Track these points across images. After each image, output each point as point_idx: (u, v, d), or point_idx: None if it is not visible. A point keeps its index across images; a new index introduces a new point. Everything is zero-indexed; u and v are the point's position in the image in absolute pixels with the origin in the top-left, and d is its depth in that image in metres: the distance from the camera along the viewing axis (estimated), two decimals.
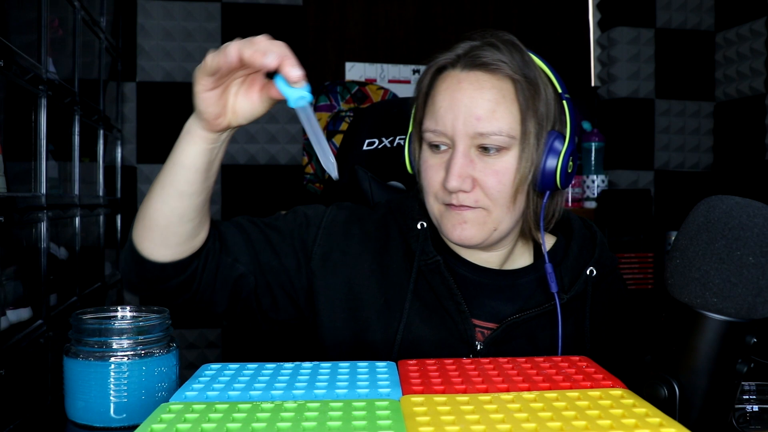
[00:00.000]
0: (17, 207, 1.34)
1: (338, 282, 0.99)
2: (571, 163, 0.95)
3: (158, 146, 2.65)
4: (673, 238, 1.50)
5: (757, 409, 0.76)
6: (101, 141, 2.26)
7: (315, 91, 2.46)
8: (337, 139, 2.60)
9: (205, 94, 0.79)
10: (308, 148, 2.69)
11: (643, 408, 0.58)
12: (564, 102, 0.96)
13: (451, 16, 2.91)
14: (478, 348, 0.96)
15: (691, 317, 0.62)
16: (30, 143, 1.49)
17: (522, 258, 1.04)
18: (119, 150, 2.60)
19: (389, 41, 2.91)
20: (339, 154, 1.44)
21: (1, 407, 1.14)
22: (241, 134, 2.71)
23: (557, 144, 0.94)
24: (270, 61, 0.72)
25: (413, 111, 1.01)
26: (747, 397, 0.76)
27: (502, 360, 0.74)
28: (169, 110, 2.66)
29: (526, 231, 1.00)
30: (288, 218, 1.03)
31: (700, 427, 0.62)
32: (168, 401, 0.62)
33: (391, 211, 1.05)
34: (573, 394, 0.62)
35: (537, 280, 1.00)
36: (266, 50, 0.72)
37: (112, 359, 0.71)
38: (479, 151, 0.92)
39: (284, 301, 0.99)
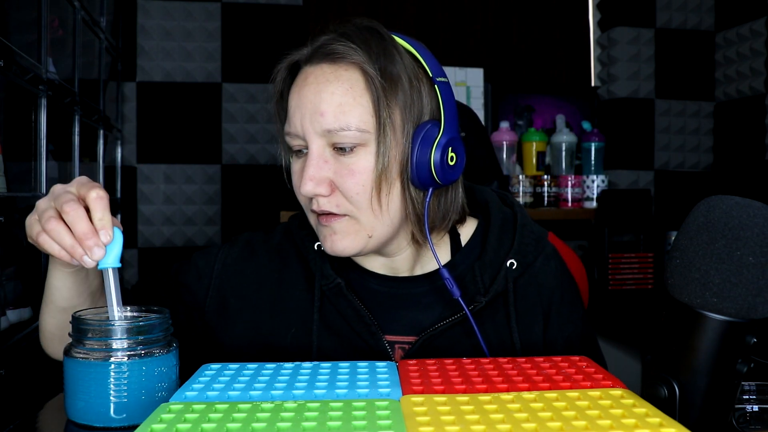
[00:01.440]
0: (17, 207, 1.34)
1: (240, 328, 0.95)
2: (452, 154, 0.84)
3: (158, 146, 2.65)
4: (673, 238, 1.50)
5: (757, 409, 0.76)
6: (101, 141, 2.26)
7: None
8: None
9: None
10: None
11: (643, 408, 0.58)
12: (436, 87, 0.85)
13: (451, 17, 2.91)
14: None
15: (691, 317, 0.62)
16: (30, 143, 1.49)
17: (439, 256, 0.94)
18: (119, 150, 2.60)
19: None
20: None
21: (1, 407, 1.14)
22: (241, 134, 2.72)
23: (431, 134, 0.84)
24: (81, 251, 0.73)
25: (276, 118, 0.95)
26: (747, 397, 0.76)
27: (502, 360, 0.74)
28: (169, 110, 2.66)
29: (416, 234, 0.89)
30: (180, 272, 1.01)
31: (700, 427, 0.62)
32: (168, 401, 0.62)
33: (289, 233, 1.00)
34: (573, 394, 0.62)
35: (456, 280, 0.89)
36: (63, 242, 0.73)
37: (112, 359, 0.71)
38: (335, 151, 0.84)
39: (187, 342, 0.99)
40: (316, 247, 0.94)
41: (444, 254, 0.95)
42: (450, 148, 0.84)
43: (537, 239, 0.95)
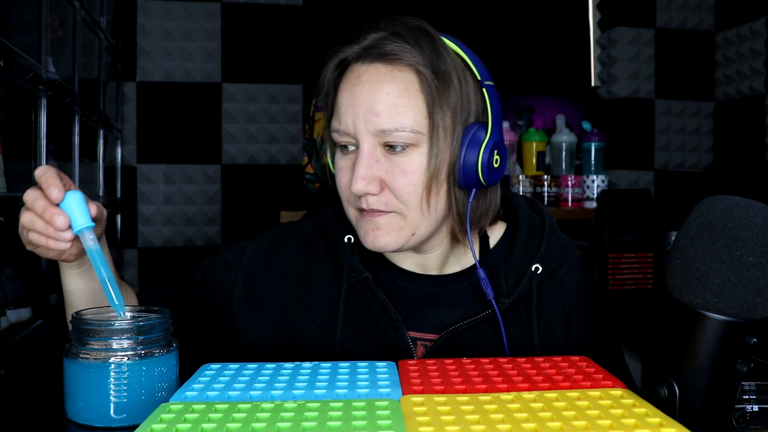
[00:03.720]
0: (17, 207, 1.34)
1: (266, 318, 0.96)
2: (497, 156, 0.87)
3: (158, 146, 2.65)
4: (673, 238, 1.50)
5: (757, 409, 0.76)
6: (101, 141, 2.26)
7: (315, 91, 2.45)
8: None
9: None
10: (308, 148, 2.69)
11: (643, 408, 0.58)
12: (484, 90, 0.87)
13: (451, 17, 2.91)
14: None
15: (691, 317, 0.62)
16: (30, 143, 1.49)
17: (466, 257, 0.96)
18: (119, 150, 2.60)
19: None
20: None
21: (1, 407, 1.14)
22: (241, 134, 2.72)
23: (478, 136, 0.85)
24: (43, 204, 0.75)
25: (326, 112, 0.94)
26: (747, 397, 0.76)
27: (502, 360, 0.74)
28: (169, 110, 2.66)
29: (457, 232, 0.91)
30: (209, 266, 1.02)
31: (700, 427, 0.62)
32: (168, 401, 0.62)
33: (319, 225, 1.01)
34: (573, 394, 0.62)
35: (480, 283, 0.90)
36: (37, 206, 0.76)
37: (112, 359, 0.71)
38: (386, 150, 0.85)
39: (207, 341, 1.00)
40: (346, 240, 0.94)
41: (472, 257, 0.96)
42: (496, 151, 0.86)
43: (563, 247, 0.97)
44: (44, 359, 1.46)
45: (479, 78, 0.87)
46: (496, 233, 0.98)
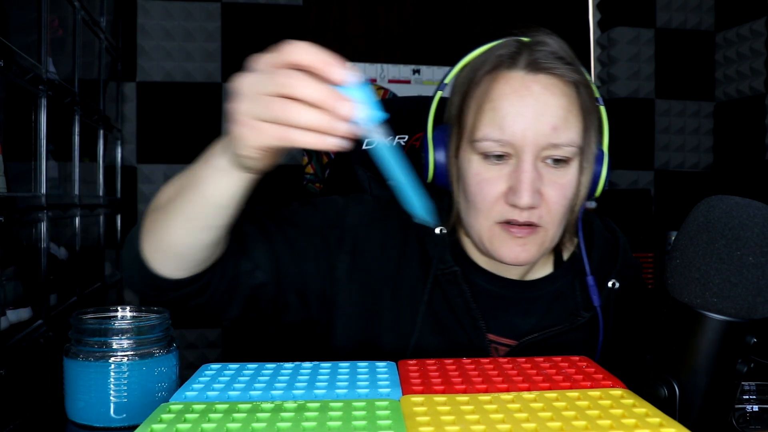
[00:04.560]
0: (17, 207, 1.34)
1: (356, 288, 0.92)
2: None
3: (158, 146, 2.65)
4: (673, 238, 1.50)
5: (757, 409, 0.76)
6: (101, 141, 2.26)
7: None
8: None
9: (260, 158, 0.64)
10: (308, 148, 2.70)
11: (643, 408, 0.58)
12: (602, 108, 0.90)
13: (451, 17, 2.91)
14: None
15: (691, 317, 0.62)
16: (30, 143, 1.49)
17: (544, 267, 0.96)
18: (119, 150, 2.60)
19: (389, 41, 2.91)
20: (339, 154, 1.44)
21: (1, 407, 1.14)
22: None
23: (601, 152, 0.89)
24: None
25: (452, 115, 0.90)
26: (747, 397, 0.76)
27: (502, 360, 0.74)
28: (169, 110, 2.66)
29: (567, 241, 0.93)
30: (308, 216, 0.93)
31: (700, 427, 0.62)
32: (168, 401, 0.62)
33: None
34: (573, 394, 0.62)
35: (556, 292, 0.92)
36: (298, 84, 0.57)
37: (112, 359, 0.71)
38: (544, 163, 0.84)
39: (296, 304, 0.92)
40: (438, 231, 0.92)
41: (547, 266, 0.96)
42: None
43: (636, 267, 0.98)
44: (44, 359, 1.46)
45: (597, 96, 0.89)
46: (569, 247, 0.98)
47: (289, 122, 0.57)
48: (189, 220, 0.72)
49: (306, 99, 0.57)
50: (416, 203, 0.59)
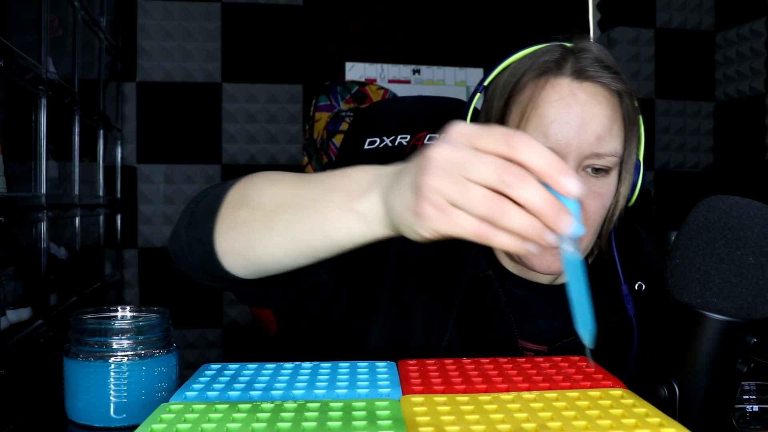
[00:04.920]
0: (17, 207, 1.34)
1: (398, 288, 0.92)
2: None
3: (158, 146, 2.65)
4: (673, 238, 1.50)
5: (757, 409, 0.76)
6: (101, 141, 2.26)
7: (315, 91, 2.46)
8: (338, 139, 2.60)
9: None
10: (308, 148, 2.69)
11: (643, 408, 0.58)
12: (640, 118, 0.88)
13: (452, 16, 2.91)
14: None
15: (691, 317, 0.62)
16: (30, 143, 1.49)
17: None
18: (119, 150, 2.60)
19: (389, 41, 2.91)
20: (340, 154, 1.44)
21: (1, 407, 1.14)
22: (241, 134, 2.71)
23: (639, 162, 0.89)
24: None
25: (493, 119, 0.88)
26: (747, 397, 0.76)
27: (501, 360, 0.74)
28: (169, 110, 2.66)
29: (603, 247, 0.92)
30: None
31: (700, 427, 0.62)
32: (168, 401, 0.62)
33: None
34: (573, 394, 0.62)
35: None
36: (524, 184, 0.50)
37: (112, 359, 0.71)
38: (585, 172, 0.83)
39: (344, 300, 0.91)
40: None
41: None
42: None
43: (660, 267, 0.96)
44: (44, 359, 1.46)
45: (636, 105, 0.87)
46: (593, 252, 0.97)
47: (497, 223, 0.50)
48: (296, 246, 0.64)
49: (525, 203, 0.50)
50: (585, 322, 0.57)
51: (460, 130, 0.52)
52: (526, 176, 0.50)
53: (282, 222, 0.64)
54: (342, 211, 0.59)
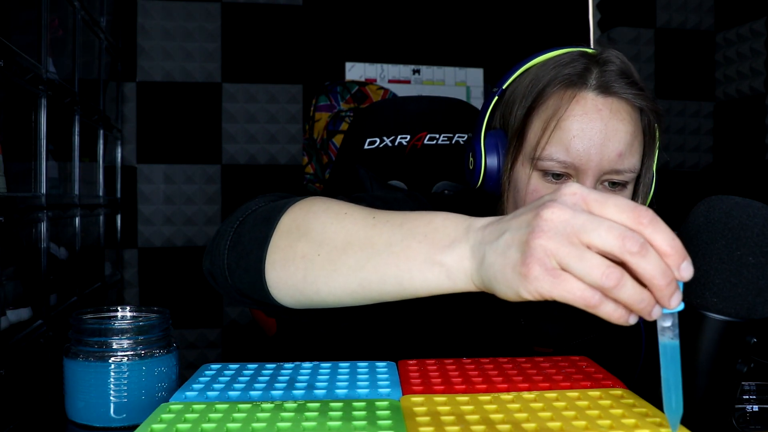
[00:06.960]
0: (17, 207, 1.34)
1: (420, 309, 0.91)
2: None
3: (158, 146, 2.65)
4: None
5: (757, 409, 0.76)
6: (101, 141, 2.26)
7: (315, 91, 2.46)
8: (338, 139, 2.60)
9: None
10: (308, 148, 2.70)
11: (643, 408, 0.58)
12: (657, 133, 0.89)
13: (452, 16, 2.91)
14: None
15: (691, 317, 0.62)
16: (30, 143, 1.49)
17: None
18: (119, 150, 2.60)
19: (389, 41, 2.91)
20: (339, 154, 1.44)
21: (0, 407, 1.14)
22: (241, 134, 2.71)
23: (653, 176, 0.89)
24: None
25: (512, 126, 0.87)
26: (747, 397, 0.76)
27: (502, 360, 0.74)
28: (169, 110, 2.66)
29: None
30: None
31: (700, 427, 0.62)
32: (168, 401, 0.62)
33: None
34: (573, 394, 0.62)
35: None
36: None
37: (112, 359, 0.71)
38: (602, 185, 0.84)
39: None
40: None
41: None
42: None
43: None
44: (44, 359, 1.46)
45: (655, 124, 0.88)
46: None
47: (610, 293, 0.48)
48: (363, 289, 0.59)
49: (643, 274, 0.48)
50: (675, 407, 0.54)
51: (577, 192, 0.50)
52: (648, 246, 0.48)
53: (350, 262, 0.59)
54: (423, 260, 0.55)
